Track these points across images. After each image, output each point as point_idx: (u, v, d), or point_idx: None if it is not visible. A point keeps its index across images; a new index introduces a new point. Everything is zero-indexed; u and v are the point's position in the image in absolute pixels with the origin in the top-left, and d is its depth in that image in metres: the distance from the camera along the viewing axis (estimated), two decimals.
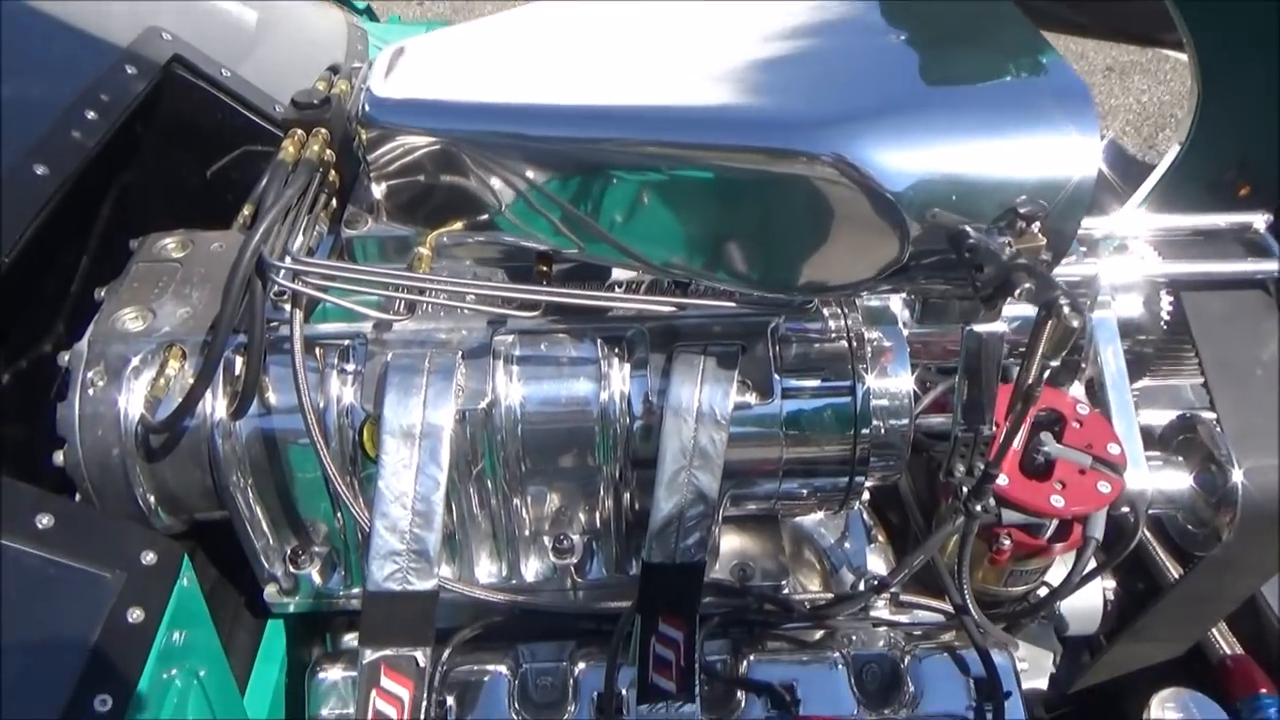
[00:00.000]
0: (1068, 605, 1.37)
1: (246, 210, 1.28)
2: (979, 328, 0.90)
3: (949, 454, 0.97)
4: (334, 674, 1.18)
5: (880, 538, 1.35)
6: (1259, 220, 1.26)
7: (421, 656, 0.98)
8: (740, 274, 0.94)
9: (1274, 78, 1.86)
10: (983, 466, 0.94)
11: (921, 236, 0.82)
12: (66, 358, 1.05)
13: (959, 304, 0.91)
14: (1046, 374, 0.81)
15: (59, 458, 1.02)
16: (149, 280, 1.14)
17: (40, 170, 1.05)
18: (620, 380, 1.06)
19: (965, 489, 0.97)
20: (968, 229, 0.78)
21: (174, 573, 0.89)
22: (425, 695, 0.98)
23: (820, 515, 1.29)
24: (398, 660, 0.98)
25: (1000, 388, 0.95)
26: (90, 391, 1.03)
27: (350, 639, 1.26)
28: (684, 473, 1.01)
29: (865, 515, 1.35)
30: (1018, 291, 0.76)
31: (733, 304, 0.99)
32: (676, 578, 1.03)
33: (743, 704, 1.11)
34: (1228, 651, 1.34)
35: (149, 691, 0.81)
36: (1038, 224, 0.78)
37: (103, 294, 1.12)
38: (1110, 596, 1.40)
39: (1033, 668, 1.38)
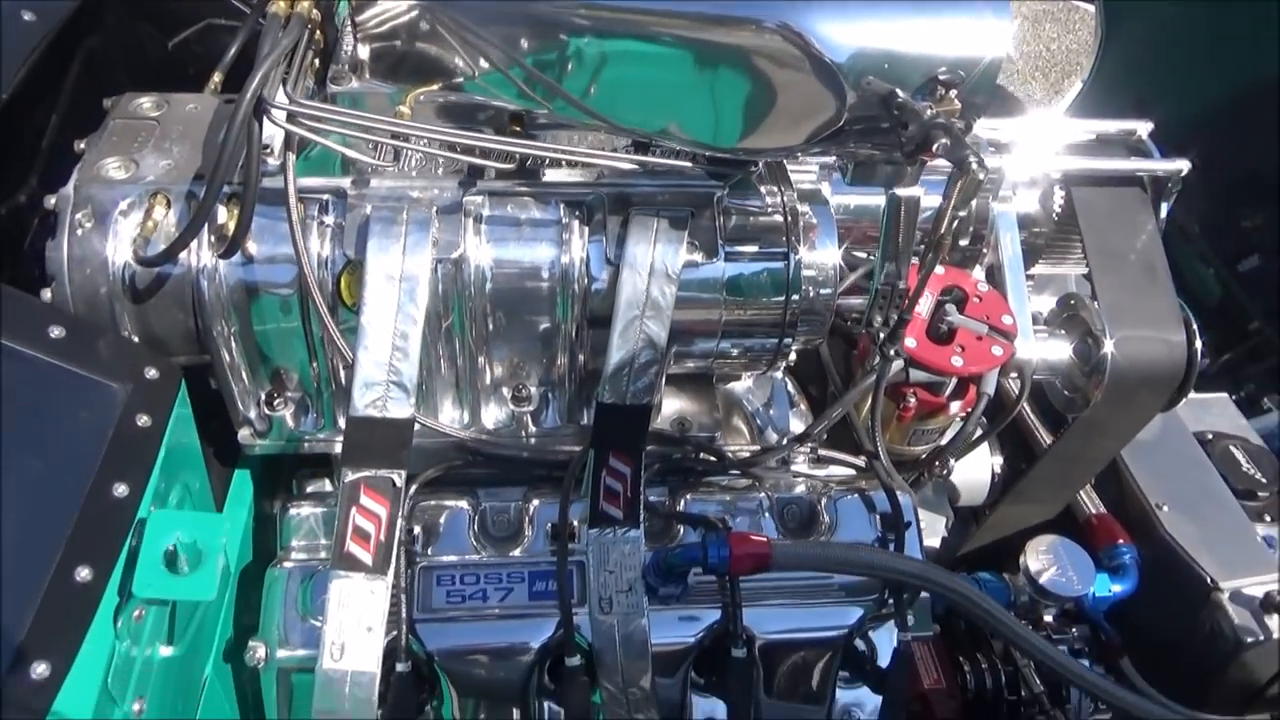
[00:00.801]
0: (960, 478, 1.56)
1: (216, 78, 1.33)
2: (900, 191, 1.04)
3: (869, 307, 1.11)
4: (304, 510, 1.27)
5: (802, 405, 1.51)
6: (1142, 128, 1.44)
7: (397, 478, 1.08)
8: (693, 135, 1.06)
9: (1168, 20, 2.04)
10: (897, 315, 1.09)
11: (856, 103, 0.95)
12: (53, 201, 1.10)
13: (884, 168, 1.04)
14: (955, 224, 0.95)
15: (47, 295, 1.08)
16: (128, 135, 1.19)
17: (28, 17, 1.09)
18: (580, 242, 1.17)
19: (882, 335, 1.12)
20: (897, 92, 0.91)
21: (175, 387, 0.97)
22: (400, 515, 1.09)
23: (749, 383, 1.43)
24: (376, 480, 1.08)
25: (910, 267, 1.11)
26: (78, 233, 1.09)
27: (317, 486, 1.35)
28: (637, 322, 1.13)
29: (790, 386, 1.50)
30: (935, 147, 0.89)
31: (688, 164, 1.11)
32: (626, 417, 1.15)
33: (681, 534, 1.25)
34: (1093, 511, 1.54)
35: (160, 485, 0.90)
36: (955, 91, 0.91)
37: (83, 146, 1.17)
38: (997, 470, 1.59)
39: (928, 529, 1.56)
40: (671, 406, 1.35)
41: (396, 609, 1.13)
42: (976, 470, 1.57)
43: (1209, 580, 1.34)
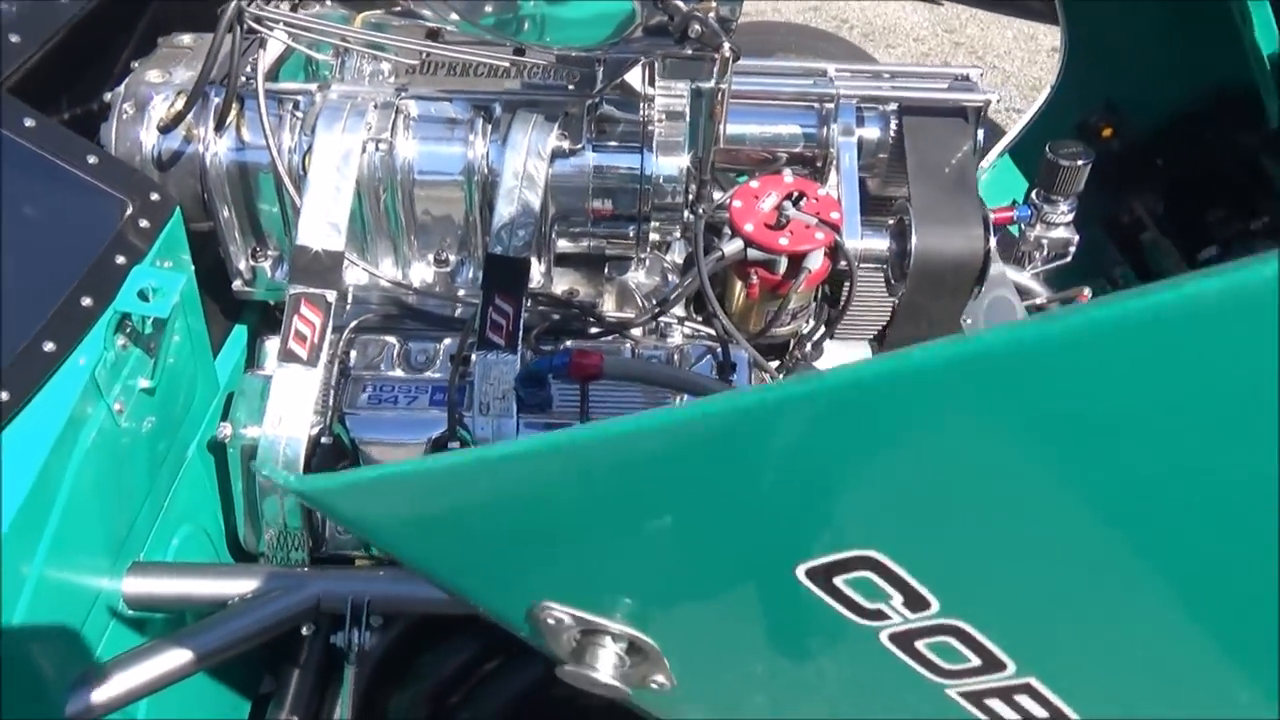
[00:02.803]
0: (823, 364, 1.85)
1: None
2: (702, 85, 1.39)
3: (686, 179, 1.45)
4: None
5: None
6: (974, 72, 1.74)
7: (329, 296, 1.47)
8: (542, 40, 1.44)
9: (1133, 27, 2.26)
10: (701, 179, 1.42)
11: (642, 8, 1.31)
12: (108, 96, 1.55)
13: (689, 66, 1.39)
14: (724, 98, 1.29)
15: (92, 159, 1.52)
16: (169, 58, 1.63)
17: None
18: (483, 140, 1.54)
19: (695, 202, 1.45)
20: None
21: (171, 207, 1.38)
22: (331, 328, 1.47)
23: (642, 274, 1.77)
24: (313, 296, 1.47)
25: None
26: (123, 118, 1.53)
27: None
28: (516, 189, 1.50)
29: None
30: (691, 32, 1.24)
31: (551, 58, 1.48)
32: (509, 265, 1.51)
33: None
34: None
35: (148, 272, 1.30)
36: None
37: (136, 64, 1.62)
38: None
39: None
40: (564, 281, 1.70)
41: (327, 402, 1.51)
42: (851, 358, 1.85)
43: None
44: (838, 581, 0.48)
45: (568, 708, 1.60)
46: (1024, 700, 0.51)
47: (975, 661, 0.53)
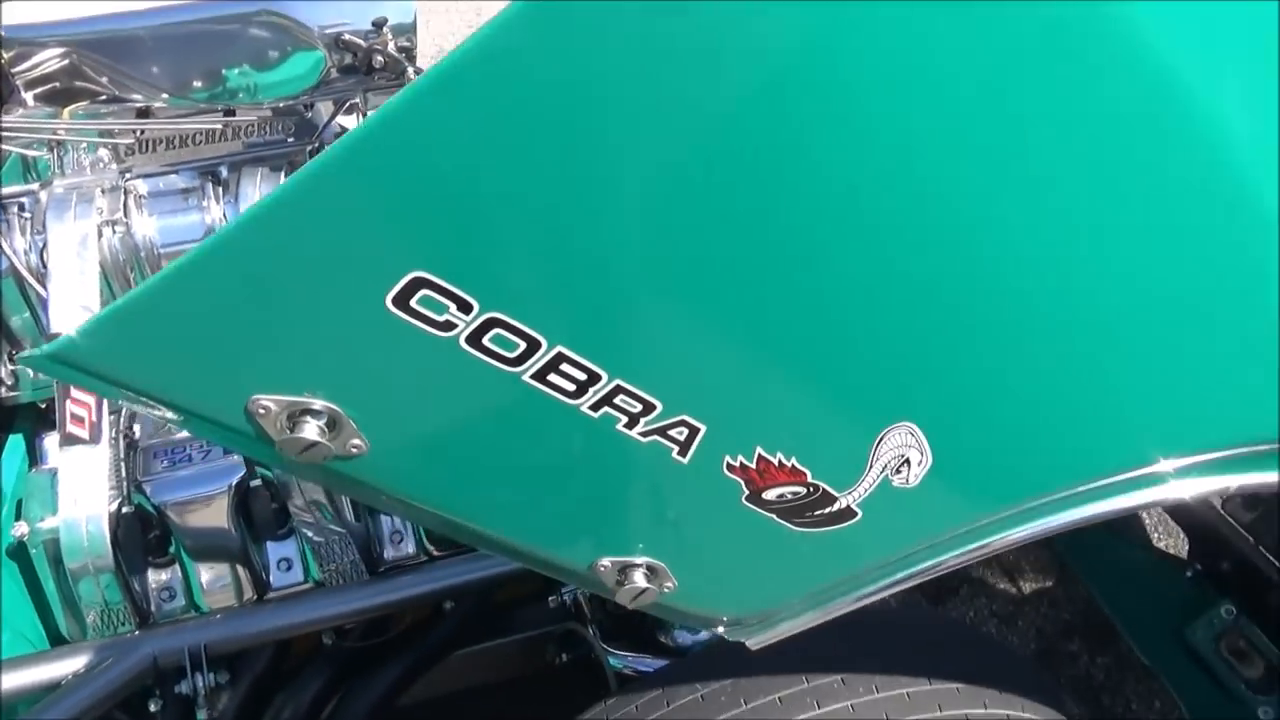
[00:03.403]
0: None
1: None
2: None
3: None
4: None
5: None
6: None
7: None
8: (250, 99, 1.57)
9: None
10: None
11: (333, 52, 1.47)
12: None
13: (390, 94, 1.56)
14: None
15: None
16: None
17: None
18: (217, 203, 1.65)
19: None
20: (342, 34, 1.44)
21: None
22: (108, 407, 1.53)
23: None
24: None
25: None
26: None
27: None
28: None
29: None
30: (377, 64, 1.41)
31: (267, 113, 1.61)
32: None
33: None
34: None
35: None
36: (385, 29, 1.44)
37: None
38: None
39: None
40: None
41: (120, 475, 1.56)
42: None
43: None
44: (414, 304, 0.66)
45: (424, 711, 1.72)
46: (569, 369, 0.71)
47: (522, 345, 0.70)
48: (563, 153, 0.62)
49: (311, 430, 0.71)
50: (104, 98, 1.60)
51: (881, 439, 0.77)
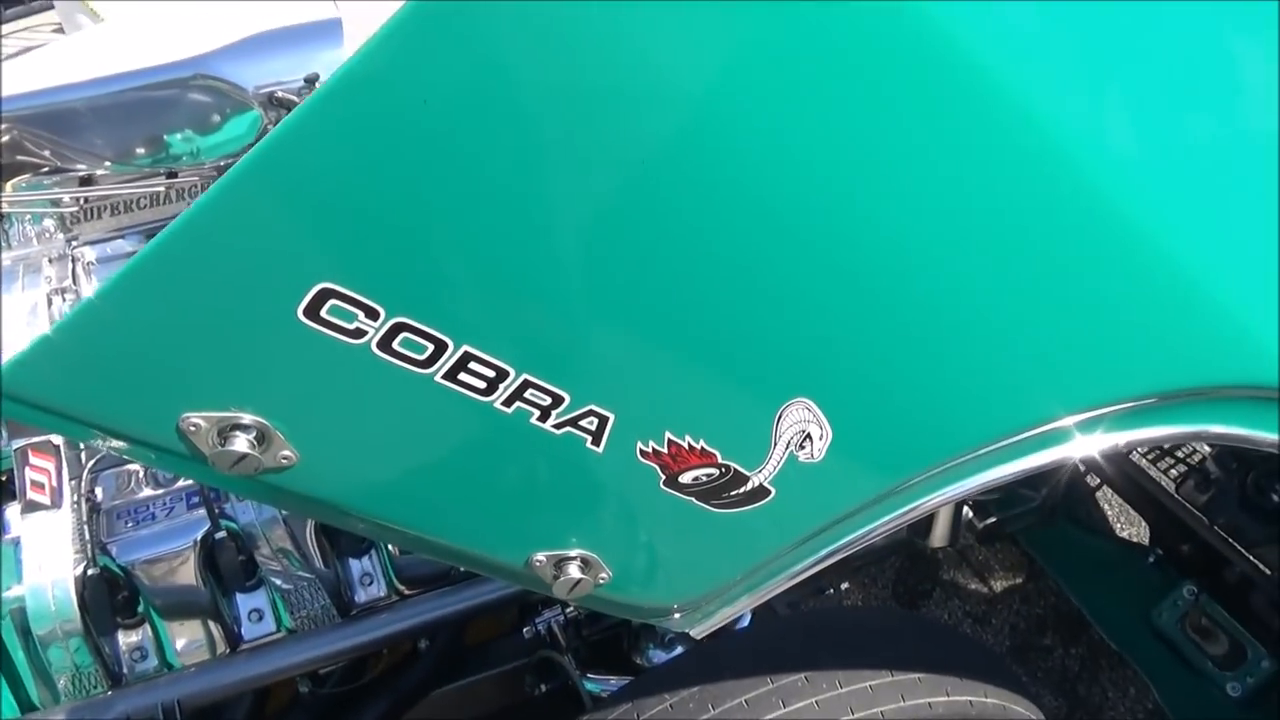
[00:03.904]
0: None
1: None
2: None
3: None
4: None
5: None
6: None
7: (55, 438, 1.55)
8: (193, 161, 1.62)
9: None
10: None
11: (265, 112, 1.53)
12: None
13: None
14: None
15: None
16: None
17: None
18: None
19: None
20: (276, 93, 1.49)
21: None
22: (67, 472, 1.55)
23: None
24: (39, 444, 1.54)
25: None
26: None
27: None
28: None
29: None
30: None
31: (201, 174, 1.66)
32: None
33: None
34: None
35: None
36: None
37: None
38: None
39: None
40: None
41: (83, 539, 1.58)
42: None
43: None
44: (324, 314, 0.71)
45: None
46: (477, 367, 0.75)
47: (431, 348, 0.73)
48: (446, 156, 0.67)
49: (241, 444, 0.75)
50: (47, 169, 1.65)
51: (780, 416, 0.81)
